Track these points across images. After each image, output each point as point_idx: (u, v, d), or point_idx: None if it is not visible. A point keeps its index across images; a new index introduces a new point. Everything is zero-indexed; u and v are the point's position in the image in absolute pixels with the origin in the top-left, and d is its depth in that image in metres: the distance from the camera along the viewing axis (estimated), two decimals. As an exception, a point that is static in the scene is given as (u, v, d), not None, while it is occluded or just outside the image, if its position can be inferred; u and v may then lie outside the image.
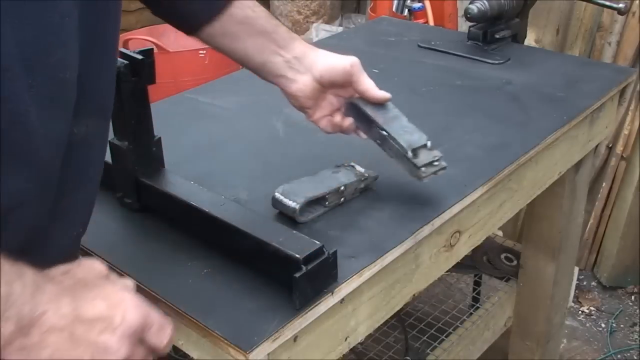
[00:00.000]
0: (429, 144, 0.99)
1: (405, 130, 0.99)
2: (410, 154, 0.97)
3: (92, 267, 0.67)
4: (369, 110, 1.00)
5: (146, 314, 0.64)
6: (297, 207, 0.95)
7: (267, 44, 0.97)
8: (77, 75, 0.66)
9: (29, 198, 0.65)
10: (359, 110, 1.01)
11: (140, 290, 0.87)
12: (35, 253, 0.67)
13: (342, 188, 1.00)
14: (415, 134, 0.99)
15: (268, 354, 0.78)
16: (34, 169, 0.64)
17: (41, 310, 0.57)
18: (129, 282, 0.70)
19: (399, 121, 1.00)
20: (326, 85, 1.00)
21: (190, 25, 0.97)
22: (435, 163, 0.98)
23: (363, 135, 1.03)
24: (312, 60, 0.99)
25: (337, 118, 1.03)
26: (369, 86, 0.99)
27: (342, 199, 1.01)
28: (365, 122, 1.02)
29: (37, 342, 0.57)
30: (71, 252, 0.78)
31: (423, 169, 0.97)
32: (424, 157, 0.97)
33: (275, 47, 0.98)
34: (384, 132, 0.99)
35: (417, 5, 2.67)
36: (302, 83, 0.99)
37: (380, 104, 1.01)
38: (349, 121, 1.03)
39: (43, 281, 0.59)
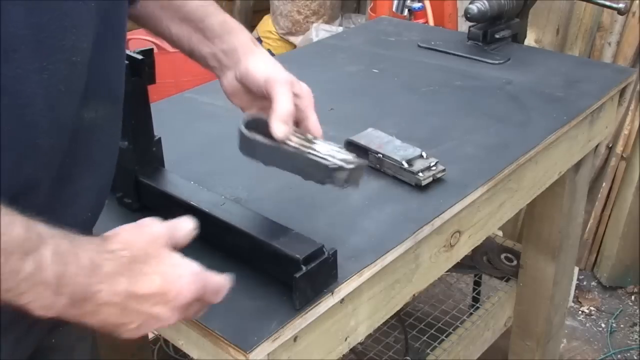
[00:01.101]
0: (424, 154, 1.06)
1: (398, 149, 1.08)
2: (405, 164, 1.04)
3: (152, 235, 0.66)
4: (363, 142, 1.10)
5: (202, 284, 0.66)
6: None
7: (193, 32, 0.91)
8: (88, 59, 0.66)
9: (37, 184, 0.65)
10: (355, 144, 1.10)
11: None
12: None
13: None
14: (408, 149, 1.07)
15: (268, 354, 0.78)
16: (40, 154, 0.64)
17: (96, 289, 0.60)
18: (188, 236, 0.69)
19: (392, 143, 1.09)
20: (248, 90, 0.91)
21: None
22: (433, 168, 1.04)
23: None
24: (239, 58, 0.90)
25: None
26: (278, 111, 0.83)
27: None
28: (362, 152, 1.09)
29: (90, 311, 0.61)
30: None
31: (420, 174, 1.03)
32: (419, 165, 1.05)
33: (202, 37, 0.91)
34: (379, 155, 1.07)
35: (417, 5, 2.67)
36: (228, 79, 0.92)
37: (370, 136, 1.10)
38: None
39: (100, 259, 0.61)
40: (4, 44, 0.57)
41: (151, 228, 0.67)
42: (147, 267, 0.64)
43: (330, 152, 0.82)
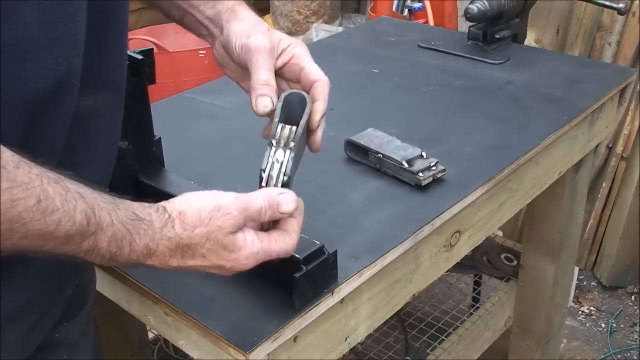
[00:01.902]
0: (424, 154, 1.06)
1: (398, 149, 1.08)
2: (405, 164, 1.04)
3: (218, 224, 0.67)
4: (363, 142, 1.10)
5: (263, 258, 0.70)
6: None
7: None
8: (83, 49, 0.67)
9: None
10: (355, 144, 1.11)
11: (140, 290, 0.87)
12: None
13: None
14: (409, 149, 1.08)
15: (268, 354, 0.78)
16: (48, 142, 0.65)
17: (149, 263, 0.67)
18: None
19: (392, 143, 1.10)
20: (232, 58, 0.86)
21: None
22: (433, 168, 1.04)
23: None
24: (222, 25, 0.86)
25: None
26: (253, 84, 0.79)
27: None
28: (362, 152, 1.10)
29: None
30: None
31: (420, 174, 1.03)
32: (420, 165, 1.05)
33: (190, 3, 0.88)
34: (379, 155, 1.07)
35: (417, 5, 2.67)
36: (216, 47, 0.88)
37: (370, 136, 1.10)
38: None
39: (155, 244, 0.65)
40: (15, 47, 0.58)
41: (220, 219, 0.67)
42: (202, 250, 0.67)
43: (272, 164, 0.76)
